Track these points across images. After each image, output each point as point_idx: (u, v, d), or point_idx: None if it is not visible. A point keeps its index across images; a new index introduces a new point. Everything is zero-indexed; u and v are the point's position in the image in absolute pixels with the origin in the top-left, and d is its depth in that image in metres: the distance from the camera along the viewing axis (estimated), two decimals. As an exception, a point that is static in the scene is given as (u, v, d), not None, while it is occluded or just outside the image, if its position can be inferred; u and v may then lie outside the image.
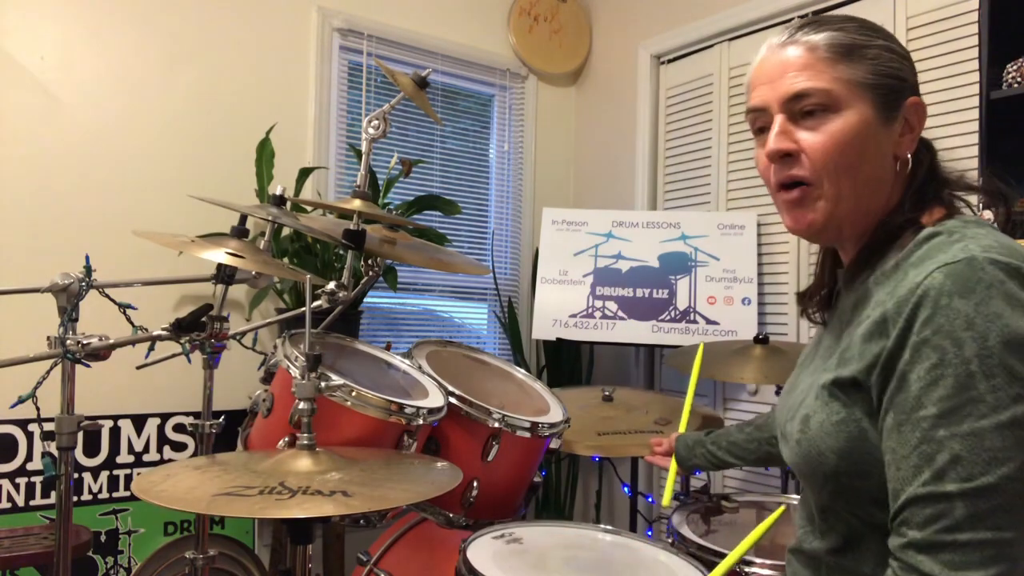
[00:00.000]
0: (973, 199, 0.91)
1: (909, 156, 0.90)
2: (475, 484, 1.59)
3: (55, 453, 1.49)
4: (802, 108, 0.87)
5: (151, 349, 1.58)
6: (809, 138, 0.87)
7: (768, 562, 1.42)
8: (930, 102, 2.32)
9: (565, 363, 3.30)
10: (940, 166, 0.92)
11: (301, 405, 1.29)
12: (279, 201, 1.66)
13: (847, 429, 0.83)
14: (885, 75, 0.88)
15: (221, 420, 1.74)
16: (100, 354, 1.49)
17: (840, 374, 0.84)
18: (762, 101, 0.91)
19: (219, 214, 2.46)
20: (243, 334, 1.79)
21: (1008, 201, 0.91)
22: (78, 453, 2.42)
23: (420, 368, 1.71)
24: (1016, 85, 1.82)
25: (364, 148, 1.77)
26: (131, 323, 1.60)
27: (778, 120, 0.89)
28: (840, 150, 0.86)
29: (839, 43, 0.87)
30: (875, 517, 0.83)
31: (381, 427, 1.45)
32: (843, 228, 0.90)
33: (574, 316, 2.88)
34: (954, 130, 2.17)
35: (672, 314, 2.79)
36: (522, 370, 1.97)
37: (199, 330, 1.60)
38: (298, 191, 2.75)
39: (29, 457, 2.35)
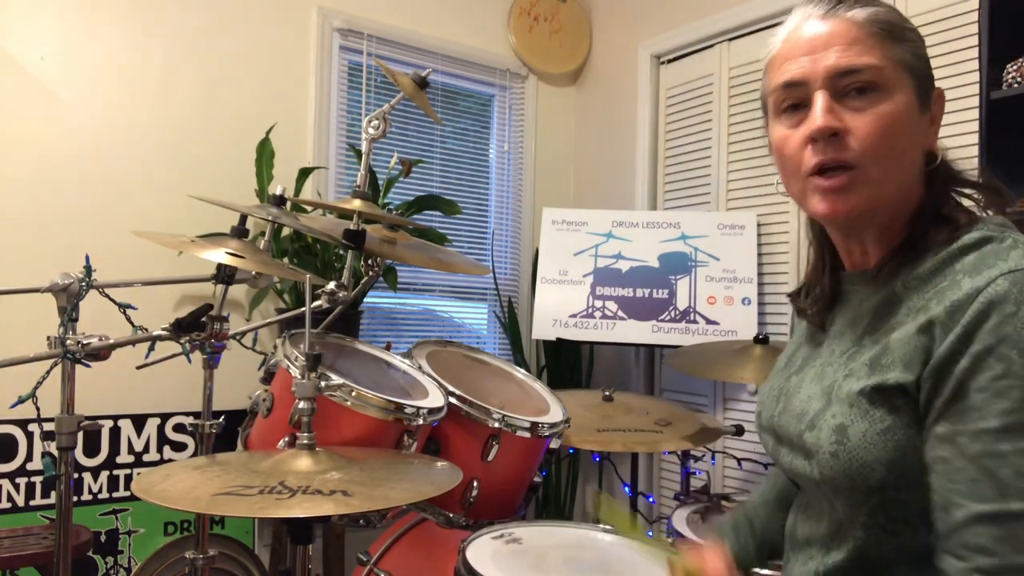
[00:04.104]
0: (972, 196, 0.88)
1: (937, 150, 0.86)
2: (475, 484, 1.59)
3: (55, 453, 1.49)
4: (849, 85, 0.81)
5: (151, 349, 1.58)
6: (857, 119, 0.81)
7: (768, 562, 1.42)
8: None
9: (565, 363, 3.31)
10: (948, 160, 0.88)
11: (301, 405, 1.28)
12: (279, 201, 1.66)
13: (894, 438, 0.78)
14: (923, 59, 0.84)
15: (221, 420, 1.74)
16: (100, 354, 1.49)
17: (883, 380, 0.79)
18: (801, 74, 0.83)
19: (219, 214, 2.46)
20: (243, 334, 1.79)
21: (1007, 200, 0.87)
22: (78, 453, 2.42)
23: (420, 368, 1.71)
24: (1016, 85, 1.82)
25: (364, 148, 1.77)
26: (131, 323, 1.60)
27: (821, 96, 0.82)
28: (891, 134, 0.81)
29: (885, 20, 0.83)
30: (918, 529, 0.79)
31: (381, 427, 1.45)
32: (877, 217, 0.86)
33: (574, 316, 2.88)
34: (954, 130, 2.17)
35: (672, 314, 2.79)
36: (522, 370, 1.97)
37: (199, 330, 1.61)
38: (298, 191, 2.75)
39: (29, 457, 2.35)
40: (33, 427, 2.36)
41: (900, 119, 0.81)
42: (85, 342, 1.47)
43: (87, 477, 2.43)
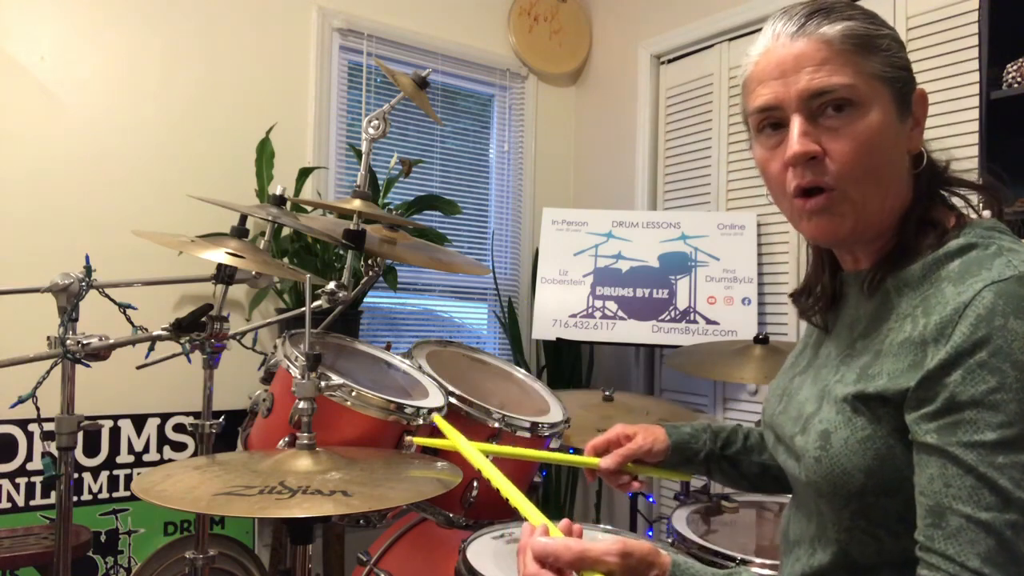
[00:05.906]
0: (971, 196, 0.88)
1: (922, 151, 0.86)
2: (475, 484, 1.58)
3: (55, 453, 1.49)
4: (823, 105, 0.80)
5: (151, 349, 1.58)
6: (833, 140, 0.80)
7: (768, 562, 1.42)
8: (930, 102, 2.33)
9: (565, 363, 3.30)
10: (934, 159, 0.88)
11: (301, 405, 1.28)
12: (279, 201, 1.66)
13: (874, 447, 0.79)
14: (899, 67, 0.83)
15: (221, 420, 1.73)
16: (100, 354, 1.49)
17: (864, 389, 0.80)
18: (775, 98, 0.83)
19: (219, 214, 2.46)
20: (243, 334, 1.79)
21: (1001, 198, 0.87)
22: (78, 453, 2.42)
23: (420, 368, 1.71)
24: (1016, 85, 1.82)
25: (364, 148, 1.77)
26: (131, 323, 1.60)
27: (797, 120, 0.81)
28: (868, 152, 0.80)
29: (855, 34, 0.81)
30: (899, 535, 0.79)
31: (381, 427, 1.45)
32: (865, 232, 0.85)
33: (574, 316, 2.88)
34: (954, 130, 2.17)
35: (672, 314, 2.79)
36: (522, 370, 1.97)
37: (199, 330, 1.60)
38: (298, 191, 2.75)
39: (29, 457, 2.35)
40: (33, 427, 2.35)
41: (877, 135, 0.80)
42: (85, 342, 1.47)
43: (87, 477, 2.43)
